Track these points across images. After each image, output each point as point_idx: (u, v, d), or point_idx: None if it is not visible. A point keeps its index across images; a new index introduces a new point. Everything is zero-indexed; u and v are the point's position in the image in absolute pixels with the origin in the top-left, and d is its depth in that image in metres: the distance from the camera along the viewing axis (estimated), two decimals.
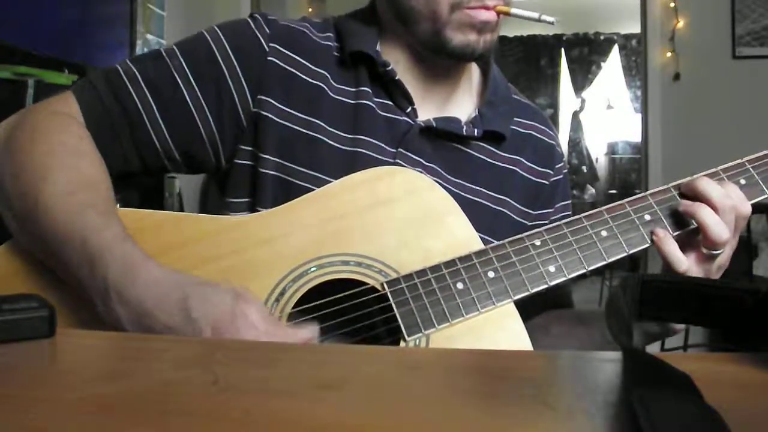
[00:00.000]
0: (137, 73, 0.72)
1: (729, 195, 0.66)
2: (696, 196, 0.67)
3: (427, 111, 0.78)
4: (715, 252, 0.66)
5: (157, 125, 0.71)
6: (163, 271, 0.57)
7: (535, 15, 0.70)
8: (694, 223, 0.67)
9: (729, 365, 0.39)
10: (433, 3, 0.70)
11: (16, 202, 0.63)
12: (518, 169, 0.82)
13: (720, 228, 0.65)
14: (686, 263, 0.66)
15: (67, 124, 0.69)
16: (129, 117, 0.71)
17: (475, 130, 0.77)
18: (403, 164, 0.73)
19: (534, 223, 0.82)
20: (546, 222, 0.82)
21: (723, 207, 0.65)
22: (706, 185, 0.67)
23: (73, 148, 0.66)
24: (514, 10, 0.71)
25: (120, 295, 0.55)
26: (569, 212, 0.87)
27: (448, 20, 0.71)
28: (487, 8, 0.70)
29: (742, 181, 0.70)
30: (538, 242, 0.66)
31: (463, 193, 0.76)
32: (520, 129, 0.83)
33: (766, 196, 0.70)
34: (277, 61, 0.73)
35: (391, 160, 0.74)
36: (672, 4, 3.14)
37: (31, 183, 0.62)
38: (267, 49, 0.73)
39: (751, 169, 0.71)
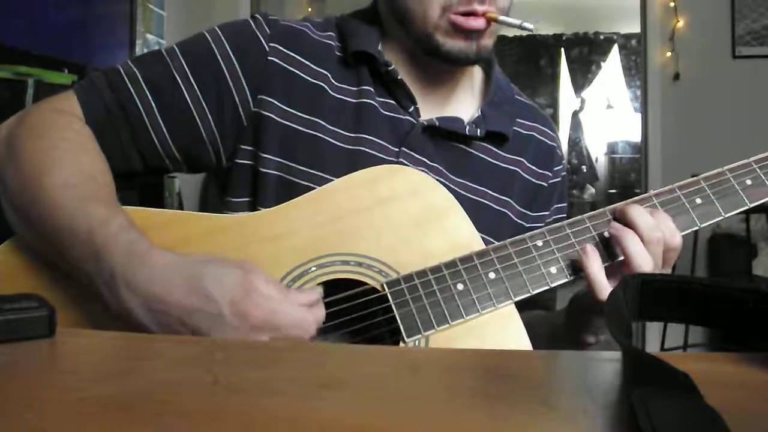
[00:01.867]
0: (138, 74, 0.72)
1: (658, 226, 0.64)
2: (626, 224, 0.65)
3: (429, 110, 0.77)
4: None
5: (158, 125, 0.71)
6: (168, 255, 0.57)
7: (517, 22, 0.70)
8: (697, 225, 0.66)
9: (729, 365, 0.39)
10: (426, 4, 0.70)
11: (18, 197, 0.63)
12: (520, 170, 0.82)
13: (643, 258, 0.62)
14: (606, 290, 0.63)
15: (69, 121, 0.69)
16: (130, 117, 0.71)
17: (478, 130, 0.77)
18: (407, 163, 0.73)
19: (531, 225, 0.81)
20: (542, 225, 0.82)
21: (650, 238, 0.63)
22: (635, 214, 0.64)
23: (75, 143, 0.66)
24: (500, 17, 0.71)
25: (128, 283, 0.55)
26: (564, 215, 0.87)
27: (438, 24, 0.71)
28: (475, 15, 0.70)
29: (748, 182, 0.68)
30: (540, 243, 0.66)
31: (466, 194, 0.76)
32: (522, 130, 0.83)
33: None
34: (277, 60, 0.73)
35: (395, 160, 0.73)
36: (672, 4, 3.14)
37: (32, 177, 0.62)
38: (267, 49, 0.73)
39: (758, 169, 0.70)
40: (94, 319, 0.60)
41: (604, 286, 0.63)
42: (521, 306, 0.79)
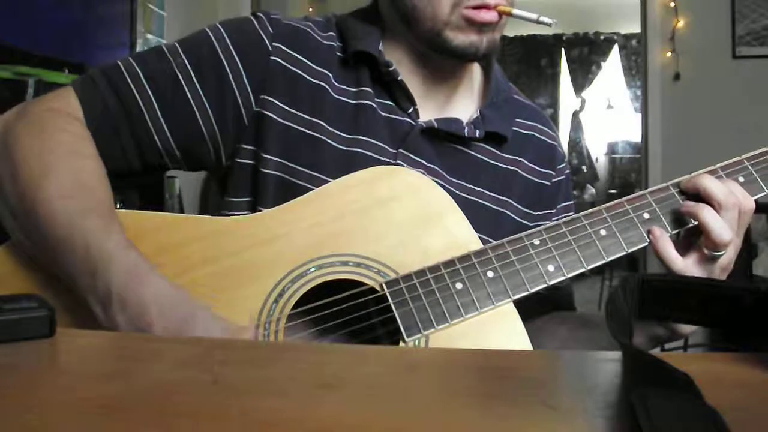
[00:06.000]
0: (138, 70, 0.71)
1: (732, 191, 0.66)
2: (697, 194, 0.67)
3: (428, 111, 0.77)
4: (716, 253, 0.66)
5: (158, 122, 0.71)
6: (168, 284, 0.57)
7: (534, 16, 0.70)
8: (693, 222, 0.67)
9: (729, 365, 0.39)
10: (435, 1, 0.70)
11: (14, 202, 0.63)
12: (519, 170, 0.81)
13: (722, 229, 0.64)
14: (680, 263, 0.66)
15: (67, 122, 0.68)
16: (129, 114, 0.71)
17: (477, 132, 0.77)
18: (405, 165, 0.73)
19: (536, 224, 0.81)
20: (548, 223, 0.82)
21: (726, 204, 0.65)
22: (708, 182, 0.66)
23: (72, 147, 0.66)
24: (514, 11, 0.71)
25: (123, 304, 0.55)
26: (571, 213, 0.86)
27: (448, 20, 0.70)
28: (487, 8, 0.70)
29: (741, 179, 0.69)
30: (537, 241, 0.66)
31: (463, 194, 0.76)
32: (521, 130, 0.83)
33: (764, 193, 0.70)
34: (280, 60, 0.73)
35: (392, 161, 0.73)
36: (672, 4, 3.14)
37: (29, 183, 0.62)
38: (270, 49, 0.73)
39: (750, 166, 0.71)
40: (91, 323, 0.60)
41: (679, 263, 0.66)
42: (542, 308, 0.80)
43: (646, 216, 0.68)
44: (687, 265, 0.66)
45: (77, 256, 0.58)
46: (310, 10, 4.20)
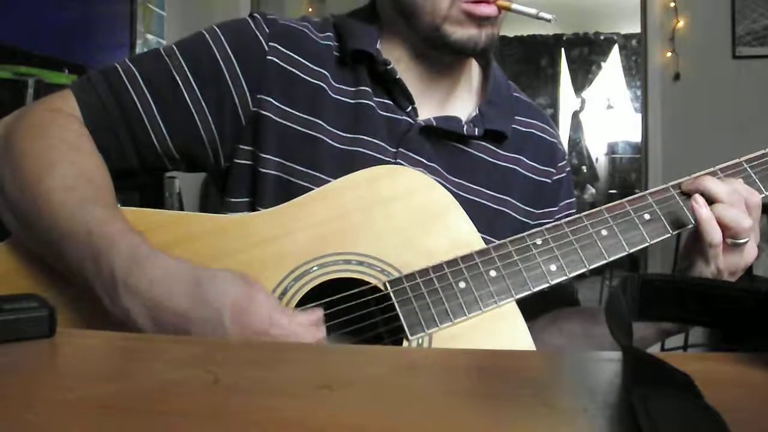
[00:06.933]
0: (136, 73, 0.72)
1: (735, 189, 0.67)
2: (701, 195, 0.67)
3: (427, 110, 0.77)
4: (739, 241, 0.66)
5: (156, 125, 0.71)
6: (170, 261, 0.57)
7: (533, 11, 0.70)
8: (691, 222, 0.67)
9: (729, 365, 0.39)
10: None
11: (16, 198, 0.63)
12: (519, 168, 0.81)
13: (738, 216, 0.65)
14: (720, 235, 0.66)
15: (67, 121, 0.69)
16: (128, 116, 0.71)
17: (476, 130, 0.77)
18: (404, 164, 0.73)
19: (537, 222, 0.81)
20: (551, 221, 0.82)
21: (731, 202, 0.66)
22: (710, 184, 0.67)
23: (73, 144, 0.66)
24: (514, 6, 0.71)
25: (128, 287, 0.55)
26: (573, 210, 0.87)
27: (448, 14, 0.71)
28: (487, 2, 0.70)
29: (740, 181, 0.70)
30: (539, 241, 0.67)
31: (463, 193, 0.76)
32: (521, 127, 0.83)
33: (763, 195, 0.70)
34: (276, 60, 0.73)
35: (392, 160, 0.73)
36: (672, 4, 3.14)
37: (31, 178, 0.62)
38: (267, 49, 0.73)
39: (748, 168, 0.71)
40: (91, 320, 0.60)
41: (714, 227, 0.66)
42: (546, 304, 0.80)
43: (647, 217, 0.68)
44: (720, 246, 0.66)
45: (80, 243, 0.58)
46: (310, 10, 4.20)
